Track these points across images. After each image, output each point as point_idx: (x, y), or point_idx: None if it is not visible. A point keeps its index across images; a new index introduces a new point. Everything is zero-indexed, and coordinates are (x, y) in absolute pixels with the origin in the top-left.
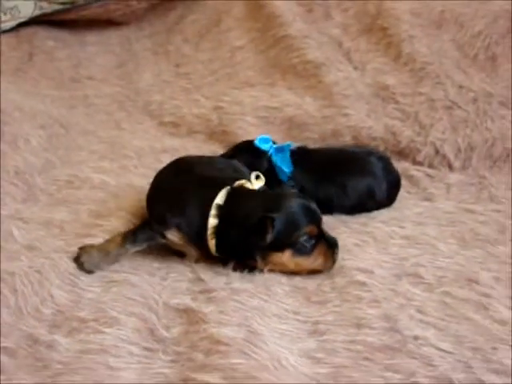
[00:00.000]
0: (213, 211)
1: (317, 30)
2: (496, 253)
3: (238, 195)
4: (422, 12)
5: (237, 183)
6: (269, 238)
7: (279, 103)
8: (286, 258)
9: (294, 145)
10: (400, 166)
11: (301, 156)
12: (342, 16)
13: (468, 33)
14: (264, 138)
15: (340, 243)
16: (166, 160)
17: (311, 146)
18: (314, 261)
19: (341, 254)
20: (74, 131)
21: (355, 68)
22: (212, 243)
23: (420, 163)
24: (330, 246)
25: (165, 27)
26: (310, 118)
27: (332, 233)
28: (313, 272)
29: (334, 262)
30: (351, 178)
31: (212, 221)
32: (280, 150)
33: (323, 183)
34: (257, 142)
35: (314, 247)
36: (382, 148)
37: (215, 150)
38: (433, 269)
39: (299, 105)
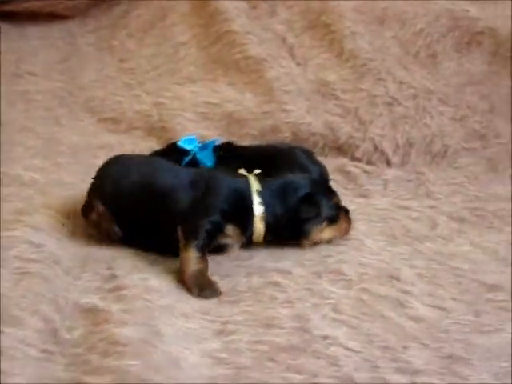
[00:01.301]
0: (258, 199)
1: (261, 27)
2: (423, 249)
3: (269, 181)
4: (365, 9)
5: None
6: (324, 211)
7: (219, 99)
8: (325, 229)
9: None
10: (338, 162)
11: (226, 151)
12: (287, 12)
13: (410, 30)
14: (189, 138)
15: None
16: (102, 156)
17: (250, 142)
18: (340, 227)
19: (263, 256)
20: (11, 127)
21: (298, 64)
22: (261, 229)
23: (358, 159)
24: (346, 211)
25: (109, 22)
26: (250, 114)
27: None
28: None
29: (350, 225)
30: (277, 171)
31: (259, 207)
32: (204, 147)
33: None
34: (180, 143)
35: (338, 215)
36: (320, 144)
37: (152, 146)
38: (356, 265)
39: (239, 101)
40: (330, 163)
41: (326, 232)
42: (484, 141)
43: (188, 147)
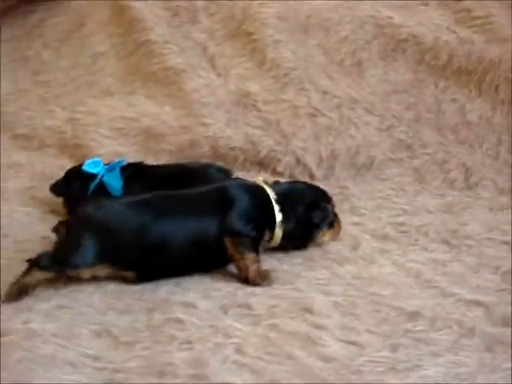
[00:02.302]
0: (278, 206)
1: (181, 35)
2: (342, 273)
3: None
4: (289, 16)
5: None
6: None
7: (136, 113)
8: (326, 232)
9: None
10: (259, 177)
11: (135, 172)
12: (208, 20)
13: (334, 38)
14: (93, 161)
15: None
16: (10, 178)
17: (168, 158)
18: (335, 230)
19: (169, 287)
20: None
21: (218, 74)
22: (279, 235)
23: (280, 174)
24: (336, 215)
25: (24, 31)
26: (168, 129)
27: None
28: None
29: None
30: None
31: (279, 215)
32: (110, 168)
33: None
34: (84, 167)
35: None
36: (241, 159)
37: (64, 164)
38: (266, 298)
39: (157, 114)
40: (252, 179)
41: (326, 235)
42: (410, 151)
43: (94, 170)
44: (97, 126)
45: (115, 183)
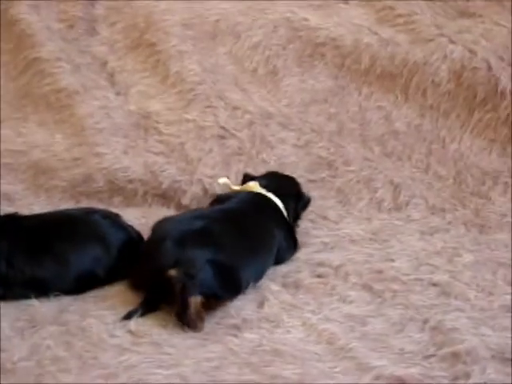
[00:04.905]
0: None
1: (78, 50)
2: (238, 348)
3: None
4: (195, 23)
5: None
6: None
7: (25, 145)
8: None
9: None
10: (163, 212)
11: (4, 225)
12: (108, 31)
13: (246, 44)
14: None
15: None
16: None
17: (60, 195)
18: None
19: None
20: None
21: (117, 93)
22: None
23: (186, 207)
24: None
25: None
26: (59, 162)
27: None
28: None
29: None
30: (71, 242)
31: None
32: None
33: (37, 254)
34: None
35: None
36: (141, 192)
37: None
38: None
39: (48, 145)
40: (153, 214)
41: None
42: (332, 169)
43: None
44: None
45: None
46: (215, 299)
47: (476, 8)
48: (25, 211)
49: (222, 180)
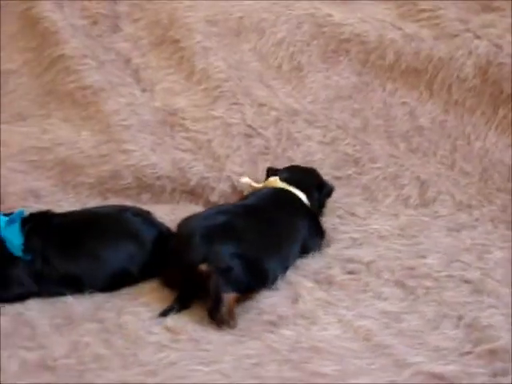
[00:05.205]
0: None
1: (101, 46)
2: (276, 345)
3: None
4: (219, 19)
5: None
6: None
7: (50, 142)
8: None
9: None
10: (191, 209)
11: (39, 222)
12: (132, 27)
13: (270, 41)
14: None
15: None
16: None
17: (87, 191)
18: None
19: None
20: None
21: (143, 90)
22: None
23: (214, 204)
24: None
25: None
26: (86, 159)
27: None
28: None
29: None
30: (102, 240)
31: None
32: (11, 221)
33: (71, 251)
34: None
35: None
36: (169, 189)
37: None
38: None
39: (74, 142)
40: (182, 211)
41: None
42: (358, 166)
43: None
44: (7, 159)
45: (15, 239)
46: (245, 293)
47: (499, 2)
48: (53, 208)
49: (244, 180)
